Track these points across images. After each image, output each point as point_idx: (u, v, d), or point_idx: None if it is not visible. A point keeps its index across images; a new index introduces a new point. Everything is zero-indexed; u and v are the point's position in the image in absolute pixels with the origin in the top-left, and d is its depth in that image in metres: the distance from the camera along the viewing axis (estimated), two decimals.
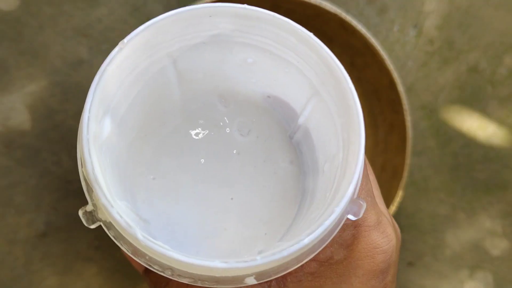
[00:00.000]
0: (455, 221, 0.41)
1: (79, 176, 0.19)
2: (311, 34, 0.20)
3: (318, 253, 0.20)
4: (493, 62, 0.41)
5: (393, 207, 0.37)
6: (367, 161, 0.24)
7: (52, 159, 0.39)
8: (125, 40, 0.19)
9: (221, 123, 0.25)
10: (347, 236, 0.22)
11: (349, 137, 0.20)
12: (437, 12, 0.41)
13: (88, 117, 0.19)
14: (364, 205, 0.19)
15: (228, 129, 0.25)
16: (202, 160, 0.24)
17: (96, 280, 0.39)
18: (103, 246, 0.39)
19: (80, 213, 0.18)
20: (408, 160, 0.37)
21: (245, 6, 0.20)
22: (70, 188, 0.39)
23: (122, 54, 0.20)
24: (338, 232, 0.20)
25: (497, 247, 0.41)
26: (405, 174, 0.36)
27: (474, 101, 0.41)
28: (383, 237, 0.22)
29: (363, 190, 0.22)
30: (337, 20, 0.36)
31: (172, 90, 0.23)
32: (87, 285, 0.38)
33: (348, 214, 0.19)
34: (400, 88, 0.37)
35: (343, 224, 0.20)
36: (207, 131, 0.25)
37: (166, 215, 0.24)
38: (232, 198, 0.24)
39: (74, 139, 0.39)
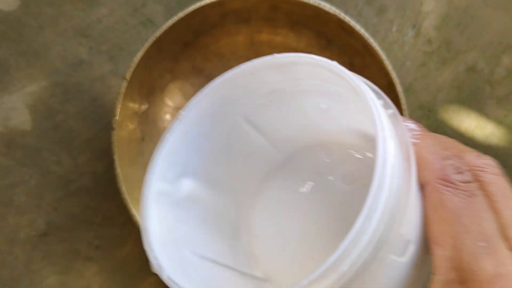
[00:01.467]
0: None
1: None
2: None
3: None
4: (491, 62, 0.41)
5: None
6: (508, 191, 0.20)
7: (52, 159, 0.39)
8: (183, 112, 0.20)
9: (324, 173, 0.24)
10: None
11: None
12: (436, 12, 0.41)
13: (151, 178, 0.20)
14: None
15: (331, 177, 0.24)
16: (306, 211, 0.24)
17: (96, 280, 0.39)
18: (104, 246, 0.39)
19: None
20: None
21: (335, 63, 0.19)
22: (70, 188, 0.39)
23: (185, 123, 0.20)
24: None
25: None
26: None
27: (472, 101, 0.41)
28: None
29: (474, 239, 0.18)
30: (336, 21, 0.36)
31: (260, 144, 0.24)
32: (88, 284, 0.39)
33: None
34: (399, 88, 0.37)
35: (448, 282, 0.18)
36: (312, 183, 0.24)
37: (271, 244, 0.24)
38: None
39: (74, 139, 0.40)
